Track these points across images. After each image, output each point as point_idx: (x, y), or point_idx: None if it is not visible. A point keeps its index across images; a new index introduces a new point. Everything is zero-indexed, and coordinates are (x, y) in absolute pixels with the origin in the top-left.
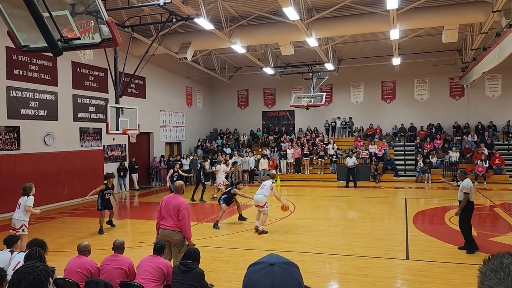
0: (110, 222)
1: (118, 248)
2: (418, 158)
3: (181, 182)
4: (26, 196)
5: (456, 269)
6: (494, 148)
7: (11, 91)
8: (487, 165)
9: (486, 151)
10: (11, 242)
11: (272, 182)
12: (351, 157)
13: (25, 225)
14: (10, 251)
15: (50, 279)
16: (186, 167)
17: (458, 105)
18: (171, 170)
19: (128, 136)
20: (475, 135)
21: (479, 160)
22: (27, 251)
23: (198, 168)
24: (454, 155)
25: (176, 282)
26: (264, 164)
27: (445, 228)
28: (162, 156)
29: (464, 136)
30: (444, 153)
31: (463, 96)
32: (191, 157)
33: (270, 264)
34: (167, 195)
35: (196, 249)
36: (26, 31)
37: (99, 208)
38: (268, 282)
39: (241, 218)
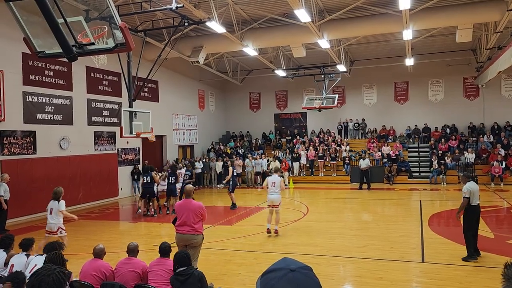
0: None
1: (132, 251)
2: (433, 159)
3: (191, 186)
4: (57, 202)
5: (473, 272)
6: (511, 149)
7: (27, 97)
8: (504, 166)
9: (502, 152)
10: (27, 246)
11: (278, 176)
12: (364, 159)
13: (61, 228)
14: (26, 254)
15: (67, 282)
16: (199, 170)
17: (473, 106)
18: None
19: (146, 138)
20: (491, 136)
21: (495, 161)
22: (47, 254)
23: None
24: (469, 156)
25: None
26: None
27: (462, 230)
28: (176, 159)
29: (480, 137)
30: (460, 154)
31: (478, 96)
32: (203, 160)
33: (291, 270)
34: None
35: (183, 251)
36: (41, 37)
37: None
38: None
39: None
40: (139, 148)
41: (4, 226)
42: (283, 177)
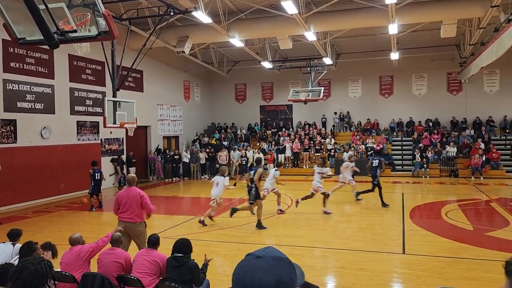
0: None
1: (116, 241)
2: (415, 153)
3: (133, 175)
4: (223, 177)
5: (452, 263)
6: (491, 143)
7: (7, 84)
8: (484, 159)
9: (483, 146)
10: (16, 236)
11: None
12: (348, 152)
13: (216, 200)
14: (12, 243)
15: (50, 276)
16: (186, 160)
17: (456, 100)
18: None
19: (126, 129)
20: (472, 130)
21: (477, 155)
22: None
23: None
24: (451, 150)
25: (170, 278)
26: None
27: (442, 222)
28: (159, 148)
29: (463, 132)
30: (442, 148)
31: (461, 91)
32: (190, 151)
33: (257, 257)
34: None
35: (185, 239)
36: (22, 23)
37: None
38: (248, 275)
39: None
40: (122, 138)
41: None
42: None
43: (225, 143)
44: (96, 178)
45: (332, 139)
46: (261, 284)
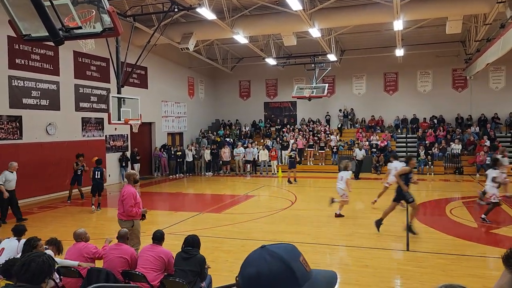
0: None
1: (122, 237)
2: (420, 150)
3: (131, 171)
4: (345, 171)
5: (456, 260)
6: (497, 140)
7: (13, 81)
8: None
9: (488, 143)
10: (21, 231)
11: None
12: (360, 150)
13: (345, 194)
14: (17, 239)
15: (53, 268)
16: (189, 159)
17: (461, 97)
18: None
19: (131, 126)
20: (477, 127)
21: (482, 152)
22: (26, 240)
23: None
24: (456, 147)
25: (178, 270)
26: (264, 155)
27: (446, 219)
28: (164, 145)
29: (468, 129)
30: (446, 145)
31: (466, 88)
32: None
33: (261, 247)
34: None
35: (194, 235)
36: (27, 20)
37: None
38: (242, 264)
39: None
40: (127, 135)
41: (5, 216)
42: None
43: (229, 139)
44: (96, 177)
45: (338, 136)
46: (244, 274)
